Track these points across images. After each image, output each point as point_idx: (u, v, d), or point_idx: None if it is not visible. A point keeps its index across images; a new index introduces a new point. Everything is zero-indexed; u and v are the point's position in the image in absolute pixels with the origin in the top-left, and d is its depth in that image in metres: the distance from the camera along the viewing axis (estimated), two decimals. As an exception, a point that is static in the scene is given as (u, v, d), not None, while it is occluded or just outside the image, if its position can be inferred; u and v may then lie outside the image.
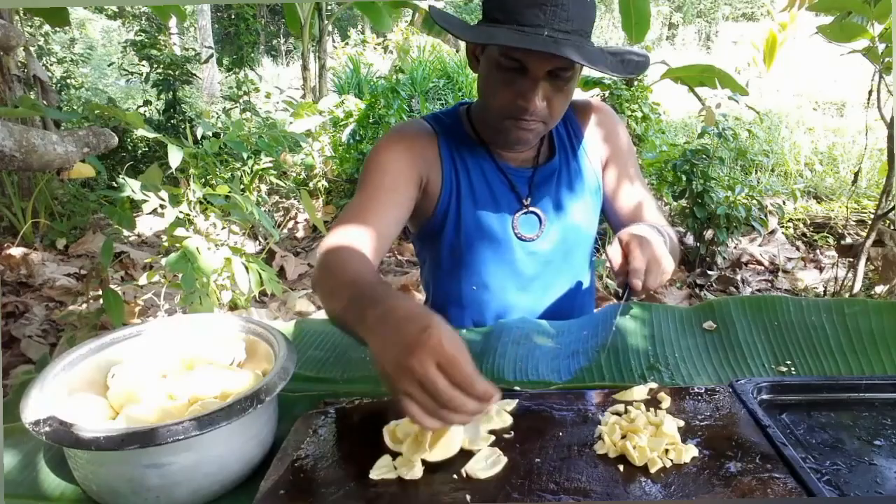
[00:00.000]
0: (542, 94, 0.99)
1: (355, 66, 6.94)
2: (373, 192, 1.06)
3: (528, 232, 1.15)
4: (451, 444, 0.71)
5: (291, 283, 3.48)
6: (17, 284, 3.28)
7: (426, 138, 1.13)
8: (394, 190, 1.07)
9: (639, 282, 0.88)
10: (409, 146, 1.11)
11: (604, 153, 1.21)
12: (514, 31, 0.92)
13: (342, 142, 4.31)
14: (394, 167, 1.08)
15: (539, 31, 0.92)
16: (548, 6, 0.91)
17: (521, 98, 0.99)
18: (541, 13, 0.91)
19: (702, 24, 17.55)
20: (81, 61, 7.20)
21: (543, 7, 0.91)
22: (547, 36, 0.92)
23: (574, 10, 0.93)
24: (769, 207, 3.56)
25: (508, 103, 1.01)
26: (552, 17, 0.92)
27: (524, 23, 0.92)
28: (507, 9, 0.94)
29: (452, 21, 1.03)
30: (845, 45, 2.28)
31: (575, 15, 0.93)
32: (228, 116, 5.20)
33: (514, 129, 1.04)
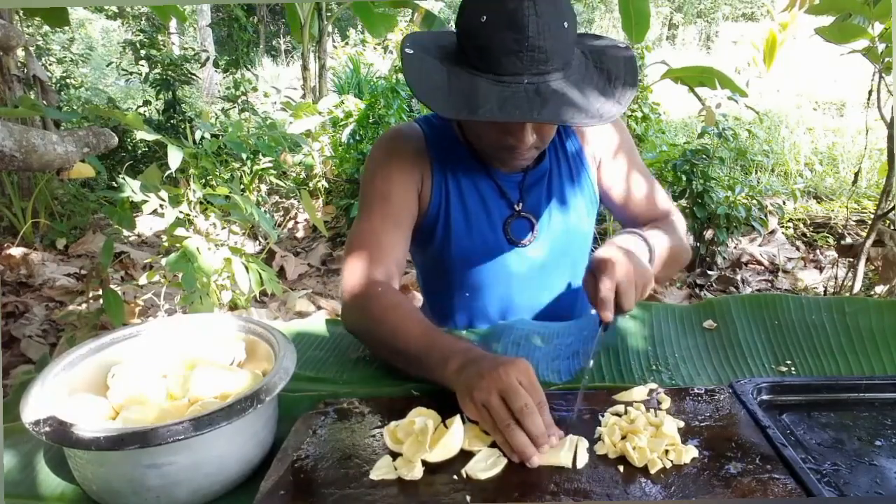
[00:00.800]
0: (531, 130, 0.98)
1: (355, 66, 6.94)
2: (380, 216, 1.07)
3: (521, 237, 1.15)
4: (451, 445, 0.71)
5: (291, 283, 3.49)
6: (17, 284, 3.28)
7: (418, 147, 1.12)
8: (399, 208, 1.08)
9: (608, 314, 0.86)
10: (405, 154, 1.11)
11: (598, 151, 1.20)
12: (493, 83, 0.89)
13: (342, 142, 4.31)
14: (395, 184, 1.09)
15: (518, 80, 0.89)
16: (524, 53, 0.88)
17: (511, 137, 0.99)
18: (518, 61, 0.88)
19: (702, 24, 17.55)
20: (81, 61, 7.20)
21: (519, 54, 0.88)
22: (527, 84, 0.89)
23: (552, 48, 0.89)
24: (769, 207, 3.56)
25: (499, 141, 1.01)
26: (530, 62, 0.89)
27: (502, 72, 0.89)
28: (483, 57, 0.90)
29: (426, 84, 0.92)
30: (845, 45, 2.28)
31: (553, 52, 0.89)
32: (227, 117, 5.19)
33: (509, 158, 1.05)
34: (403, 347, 0.89)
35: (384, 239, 1.05)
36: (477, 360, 0.77)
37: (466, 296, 1.18)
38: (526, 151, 1.02)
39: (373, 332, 0.96)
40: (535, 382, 0.73)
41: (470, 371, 0.75)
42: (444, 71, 0.93)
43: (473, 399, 0.72)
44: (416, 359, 0.86)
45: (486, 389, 0.72)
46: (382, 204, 1.08)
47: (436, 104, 0.91)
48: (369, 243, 1.05)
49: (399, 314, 0.94)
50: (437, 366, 0.81)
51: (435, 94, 0.91)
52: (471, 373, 0.75)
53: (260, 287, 2.27)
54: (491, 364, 0.74)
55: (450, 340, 0.86)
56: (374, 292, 0.98)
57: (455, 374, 0.78)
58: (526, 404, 0.70)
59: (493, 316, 1.20)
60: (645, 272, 0.90)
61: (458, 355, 0.80)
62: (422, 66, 0.94)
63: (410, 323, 0.91)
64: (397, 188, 1.09)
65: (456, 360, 0.79)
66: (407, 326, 0.91)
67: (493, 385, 0.71)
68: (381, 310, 0.95)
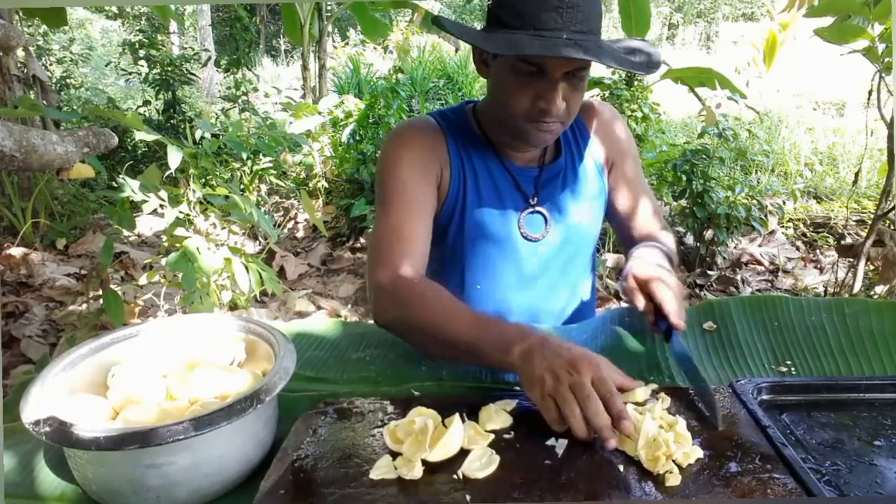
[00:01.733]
0: (562, 95, 0.99)
1: (355, 66, 6.94)
2: (403, 208, 1.07)
3: (534, 231, 1.15)
4: (450, 445, 0.71)
5: (291, 283, 3.49)
6: (17, 284, 3.28)
7: (434, 136, 1.13)
8: (421, 201, 1.09)
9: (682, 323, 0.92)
10: (422, 145, 1.11)
11: (608, 154, 1.21)
12: (533, 37, 0.92)
13: (342, 142, 4.31)
14: (413, 174, 1.09)
15: (558, 35, 0.92)
16: (564, 9, 0.91)
17: (541, 101, 0.99)
18: (558, 16, 0.92)
19: (702, 25, 17.55)
20: (81, 61, 7.20)
21: (560, 10, 0.91)
22: (566, 38, 0.92)
23: (588, 11, 0.94)
24: (769, 207, 3.56)
25: (529, 106, 1.01)
26: (569, 19, 0.92)
27: (542, 27, 0.92)
28: (523, 15, 0.93)
29: (465, 30, 1.01)
30: (845, 45, 2.28)
31: (589, 15, 0.94)
32: (227, 117, 5.19)
33: (534, 131, 1.04)
34: (453, 335, 0.88)
35: (407, 232, 1.05)
36: (543, 347, 0.78)
37: (478, 288, 1.18)
38: (552, 123, 1.02)
39: (415, 324, 0.95)
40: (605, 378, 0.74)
41: (539, 361, 0.76)
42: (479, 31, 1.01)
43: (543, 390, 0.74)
44: (470, 346, 0.86)
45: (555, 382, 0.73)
46: (401, 197, 1.08)
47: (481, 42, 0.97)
48: (395, 238, 1.04)
49: (443, 303, 0.93)
50: (497, 351, 0.82)
51: (477, 36, 0.98)
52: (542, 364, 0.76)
53: (260, 287, 2.27)
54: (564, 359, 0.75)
55: (505, 325, 0.87)
56: (410, 284, 0.98)
57: (521, 358, 0.79)
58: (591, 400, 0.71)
59: (502, 310, 1.20)
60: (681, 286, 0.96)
61: (521, 338, 0.81)
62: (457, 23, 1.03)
63: (458, 311, 0.91)
64: (415, 180, 1.08)
65: (519, 344, 0.80)
66: (455, 314, 0.90)
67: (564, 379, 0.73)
68: (422, 300, 0.95)
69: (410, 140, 1.11)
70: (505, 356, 0.81)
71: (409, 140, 1.11)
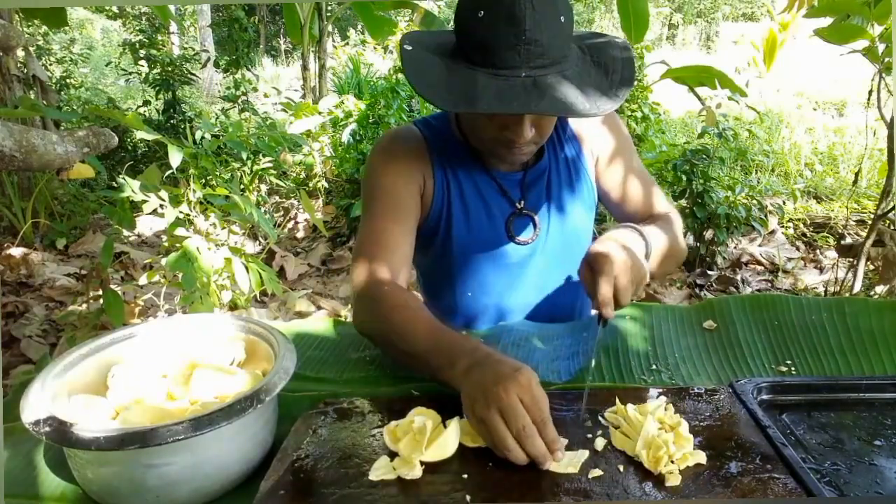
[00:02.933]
0: (530, 124, 0.98)
1: (355, 66, 6.93)
2: (387, 216, 1.07)
3: (523, 235, 1.15)
4: (446, 446, 0.71)
5: (291, 283, 3.48)
6: (17, 284, 3.28)
7: (418, 147, 1.13)
8: (404, 210, 1.09)
9: (609, 310, 0.86)
10: (406, 156, 1.11)
11: (596, 147, 1.20)
12: (491, 77, 0.90)
13: (342, 142, 4.31)
14: (398, 184, 1.09)
15: (516, 73, 0.90)
16: (521, 46, 0.88)
17: (508, 132, 0.99)
18: (516, 55, 0.89)
19: (702, 25, 17.55)
20: (81, 61, 7.20)
21: (517, 48, 0.89)
22: (525, 76, 0.90)
23: (549, 42, 0.89)
24: (769, 207, 3.56)
25: (497, 135, 1.00)
26: (527, 56, 0.89)
27: (500, 66, 0.90)
28: (481, 51, 0.91)
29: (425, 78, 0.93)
30: (845, 45, 2.28)
31: (550, 46, 0.90)
32: (227, 117, 5.19)
33: (507, 154, 1.04)
34: (411, 348, 0.88)
35: (390, 238, 1.06)
36: (482, 365, 0.76)
37: (468, 295, 1.18)
38: (524, 146, 1.02)
39: (381, 332, 0.96)
40: (537, 397, 0.71)
41: (474, 377, 0.75)
42: (442, 66, 0.94)
43: (474, 413, 0.72)
44: (424, 359, 0.85)
45: (485, 406, 0.71)
46: (385, 204, 1.08)
47: (436, 98, 0.92)
48: (375, 244, 1.05)
49: (406, 314, 0.93)
50: (445, 367, 0.81)
51: (434, 89, 0.92)
52: (474, 381, 0.74)
53: (260, 287, 2.27)
54: (493, 377, 0.73)
55: (456, 340, 0.85)
56: (382, 292, 0.98)
57: (462, 376, 0.77)
58: (524, 426, 0.69)
59: (495, 314, 1.20)
60: (641, 268, 0.91)
61: (465, 357, 0.79)
62: (421, 62, 0.96)
63: (417, 322, 0.91)
64: (399, 187, 1.09)
65: (463, 361, 0.79)
66: (414, 326, 0.90)
67: (493, 403, 0.70)
68: (388, 309, 0.95)
69: (394, 151, 1.12)
70: (451, 372, 0.79)
71: (393, 151, 1.12)
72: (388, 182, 1.09)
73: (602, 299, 0.86)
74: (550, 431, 0.70)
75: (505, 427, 0.69)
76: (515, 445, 0.69)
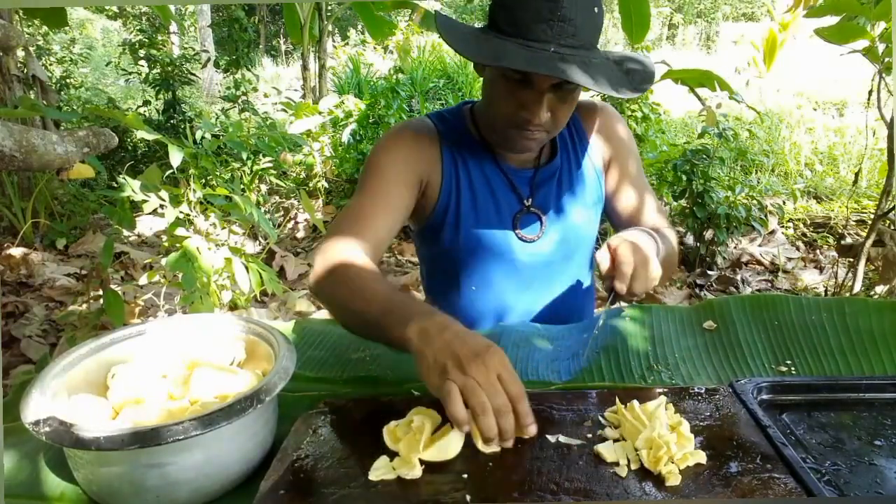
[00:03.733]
0: (547, 106, 0.99)
1: (355, 66, 6.93)
2: (370, 196, 1.07)
3: (529, 232, 1.15)
4: (447, 448, 0.71)
5: (291, 283, 3.48)
6: (17, 284, 3.28)
7: (428, 138, 1.13)
8: (391, 194, 1.08)
9: (623, 285, 0.89)
10: (409, 147, 1.11)
11: (607, 154, 1.21)
12: (521, 47, 0.91)
13: (342, 142, 4.31)
14: (392, 170, 1.09)
15: (546, 47, 0.91)
16: (555, 21, 0.90)
17: (525, 110, 0.99)
18: (548, 28, 0.91)
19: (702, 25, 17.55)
20: (81, 61, 7.20)
21: (550, 23, 0.90)
22: (553, 52, 0.91)
23: (581, 24, 0.92)
24: (769, 207, 3.56)
25: (513, 114, 1.01)
26: (559, 32, 0.91)
27: (531, 38, 0.92)
28: (514, 23, 0.93)
29: (457, 34, 0.99)
30: (845, 45, 2.28)
31: (582, 29, 0.92)
32: (227, 117, 5.20)
33: (518, 137, 1.04)
34: (365, 308, 0.85)
35: (369, 217, 1.05)
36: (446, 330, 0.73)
37: (473, 289, 1.19)
38: (536, 131, 1.02)
39: (335, 293, 0.93)
40: (513, 373, 0.71)
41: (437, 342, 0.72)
42: (475, 34, 0.99)
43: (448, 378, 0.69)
44: (375, 318, 0.82)
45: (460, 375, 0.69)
46: (374, 185, 1.08)
47: (467, 50, 0.95)
48: (352, 219, 1.05)
49: (363, 275, 0.91)
50: (396, 324, 0.77)
51: (466, 44, 0.96)
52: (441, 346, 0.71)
53: (260, 287, 2.27)
54: (471, 349, 0.70)
55: (412, 301, 0.84)
56: (344, 258, 0.96)
57: (418, 335, 0.74)
58: (504, 403, 0.69)
59: (498, 310, 1.20)
60: (656, 265, 0.93)
61: (421, 316, 0.76)
62: (455, 26, 1.01)
63: (374, 284, 0.88)
64: (394, 173, 1.09)
65: (417, 320, 0.75)
66: (371, 285, 0.88)
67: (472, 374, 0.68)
68: (344, 270, 0.93)
69: (401, 141, 1.12)
70: (402, 331, 0.75)
71: (400, 141, 1.12)
72: (384, 167, 1.09)
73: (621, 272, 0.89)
74: (524, 406, 0.70)
75: (484, 395, 0.68)
76: (491, 414, 0.68)
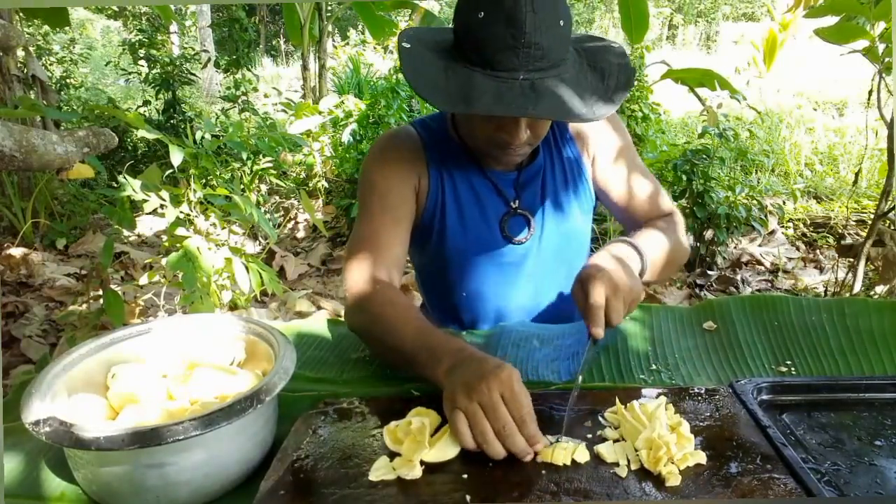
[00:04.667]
0: (525, 126, 0.98)
1: (355, 67, 6.93)
2: (380, 216, 1.08)
3: (518, 235, 1.15)
4: (447, 449, 0.71)
5: (291, 283, 3.48)
6: (17, 284, 3.28)
7: (414, 148, 1.13)
8: (398, 209, 1.09)
9: (599, 330, 0.86)
10: (401, 158, 1.12)
11: (592, 149, 1.19)
12: (489, 78, 0.90)
13: (342, 142, 4.31)
14: (388, 184, 1.09)
15: (514, 76, 0.89)
16: (520, 49, 0.88)
17: (503, 132, 0.99)
18: (514, 57, 0.89)
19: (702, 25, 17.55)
20: (81, 61, 7.20)
21: (516, 50, 0.88)
22: (522, 79, 0.89)
23: (548, 46, 0.90)
24: (769, 207, 3.56)
25: (492, 135, 1.01)
26: (525, 59, 0.89)
27: (499, 68, 0.90)
28: (480, 52, 0.91)
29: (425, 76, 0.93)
30: (845, 45, 2.28)
31: (549, 49, 0.90)
32: (227, 117, 5.20)
33: (500, 155, 1.05)
34: (399, 345, 0.88)
35: (383, 238, 1.06)
36: (465, 364, 0.76)
37: (464, 295, 1.19)
38: (519, 148, 1.02)
39: (370, 330, 0.97)
40: (517, 393, 0.71)
41: (456, 376, 0.75)
42: (441, 65, 0.94)
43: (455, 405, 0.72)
44: (411, 356, 0.86)
45: (466, 399, 0.71)
46: (380, 203, 1.09)
47: (434, 98, 0.92)
48: (368, 243, 1.05)
49: (395, 311, 0.94)
50: (429, 364, 0.81)
51: (432, 89, 0.92)
52: (456, 377, 0.74)
53: (260, 287, 2.27)
54: (476, 373, 0.73)
55: (443, 339, 0.86)
56: (373, 290, 0.99)
57: (445, 374, 0.77)
58: (504, 426, 0.69)
59: (492, 314, 1.20)
60: (634, 285, 0.90)
61: (450, 356, 0.80)
62: (419, 61, 0.95)
63: (406, 320, 0.91)
64: (394, 187, 1.10)
65: (447, 360, 0.79)
66: (402, 324, 0.90)
67: (475, 397, 0.71)
68: (378, 307, 0.96)
69: (389, 151, 1.13)
70: (434, 371, 0.80)
71: (389, 151, 1.13)
72: (382, 182, 1.09)
73: (592, 316, 0.86)
74: (530, 427, 0.70)
75: (486, 421, 0.69)
76: (494, 439, 0.69)
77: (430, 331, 0.89)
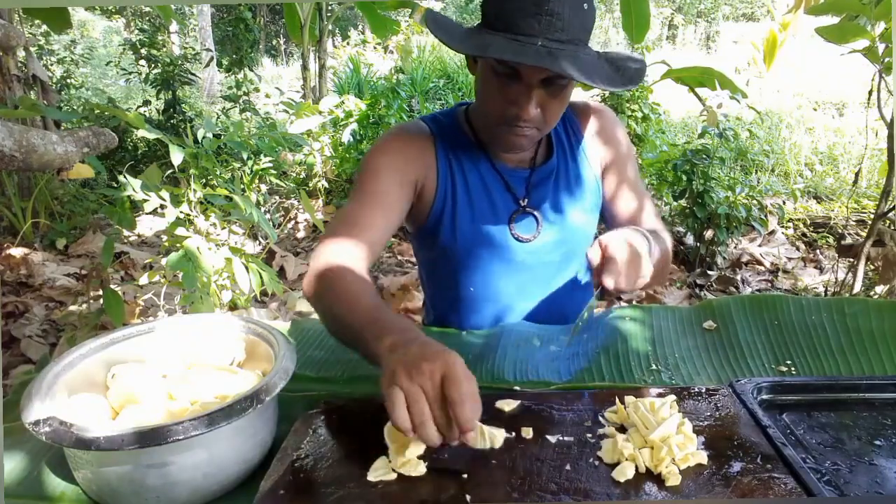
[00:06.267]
0: (537, 101, 0.98)
1: (355, 66, 6.94)
2: (365, 199, 1.07)
3: (526, 233, 1.15)
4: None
5: (291, 283, 3.48)
6: (17, 284, 3.28)
7: (423, 141, 1.13)
8: (386, 195, 1.08)
9: (611, 280, 0.86)
10: (404, 149, 1.11)
11: (603, 156, 1.21)
12: (509, 41, 0.91)
13: (342, 142, 4.31)
14: (386, 172, 1.09)
15: (533, 41, 0.91)
16: (542, 16, 0.90)
17: (514, 105, 0.99)
18: (535, 23, 0.90)
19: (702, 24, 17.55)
20: (82, 61, 7.20)
21: (538, 17, 0.90)
22: (541, 46, 0.91)
23: (569, 20, 0.92)
24: (769, 207, 3.56)
25: (502, 109, 1.01)
26: (547, 27, 0.91)
27: (519, 32, 0.91)
28: (502, 17, 0.93)
29: (446, 29, 1.00)
30: (845, 45, 2.28)
31: (570, 24, 0.92)
32: (228, 117, 5.20)
33: (508, 134, 1.04)
34: (348, 316, 0.85)
35: (362, 218, 1.05)
36: (410, 343, 0.72)
37: (471, 290, 1.19)
38: (526, 127, 1.02)
39: (322, 298, 0.93)
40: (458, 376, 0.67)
41: (399, 354, 0.71)
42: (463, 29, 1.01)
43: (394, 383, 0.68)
44: (358, 330, 0.82)
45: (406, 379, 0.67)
46: (371, 186, 1.08)
47: (452, 41, 0.96)
48: (347, 223, 1.04)
49: (351, 286, 0.91)
50: (374, 339, 0.77)
51: (452, 36, 0.97)
52: (399, 357, 0.70)
53: (260, 287, 2.27)
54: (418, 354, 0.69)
55: (392, 317, 0.82)
56: (336, 262, 0.96)
57: (388, 350, 0.73)
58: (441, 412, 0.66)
59: (497, 311, 1.20)
60: (646, 263, 0.91)
61: (395, 333, 0.76)
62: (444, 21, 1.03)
63: (359, 294, 0.89)
64: (389, 174, 1.09)
65: (392, 337, 0.75)
66: (354, 298, 0.88)
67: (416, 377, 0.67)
68: (337, 278, 0.93)
69: (395, 143, 1.12)
70: (378, 344, 0.75)
71: (395, 143, 1.13)
72: (379, 169, 1.09)
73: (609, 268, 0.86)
74: (464, 412, 0.66)
75: (426, 404, 0.66)
76: (432, 424, 0.66)
77: (381, 308, 0.85)
